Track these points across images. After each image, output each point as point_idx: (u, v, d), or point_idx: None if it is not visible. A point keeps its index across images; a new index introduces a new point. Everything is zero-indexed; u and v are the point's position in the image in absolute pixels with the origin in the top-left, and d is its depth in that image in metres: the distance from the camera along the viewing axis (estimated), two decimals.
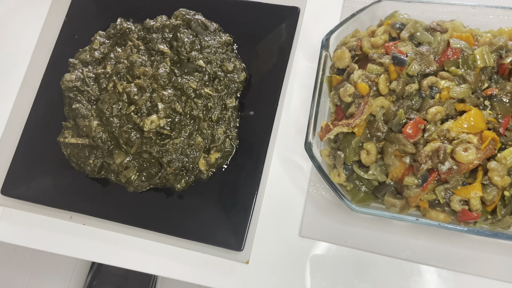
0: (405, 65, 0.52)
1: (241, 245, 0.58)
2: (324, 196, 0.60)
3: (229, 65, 0.66)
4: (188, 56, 0.65)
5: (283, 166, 0.63)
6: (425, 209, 0.52)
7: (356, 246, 0.58)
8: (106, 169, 0.64)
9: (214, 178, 0.63)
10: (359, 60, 0.57)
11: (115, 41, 0.70)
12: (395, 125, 0.52)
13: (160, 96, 0.62)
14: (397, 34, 0.56)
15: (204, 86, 0.65)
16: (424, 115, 0.52)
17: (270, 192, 0.62)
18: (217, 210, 0.61)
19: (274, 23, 0.66)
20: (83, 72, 0.68)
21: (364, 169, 0.54)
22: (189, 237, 0.61)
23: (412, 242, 0.57)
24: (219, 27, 0.69)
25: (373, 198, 0.55)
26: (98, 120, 0.64)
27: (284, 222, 0.61)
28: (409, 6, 0.57)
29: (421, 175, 0.51)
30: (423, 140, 0.52)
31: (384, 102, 0.52)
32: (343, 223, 0.59)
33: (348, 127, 0.52)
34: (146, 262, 0.62)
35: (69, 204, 0.63)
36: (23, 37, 0.76)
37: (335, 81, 0.58)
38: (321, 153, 0.57)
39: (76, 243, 0.64)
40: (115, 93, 0.64)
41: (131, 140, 0.62)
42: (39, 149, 0.67)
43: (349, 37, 0.59)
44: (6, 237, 0.66)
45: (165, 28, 0.67)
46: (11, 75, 0.74)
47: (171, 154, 0.61)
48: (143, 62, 0.65)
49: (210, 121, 0.64)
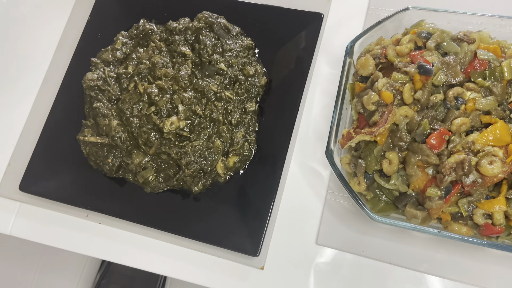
0: (431, 75, 0.52)
1: (257, 251, 0.57)
2: (342, 204, 0.60)
3: (250, 69, 0.66)
4: (210, 59, 0.65)
5: (302, 172, 0.62)
6: (447, 222, 0.52)
7: (373, 257, 0.57)
8: (124, 169, 0.64)
9: (231, 182, 0.63)
10: (383, 68, 0.57)
11: (137, 41, 0.70)
12: (419, 135, 0.51)
13: (181, 98, 0.62)
14: (423, 43, 0.55)
15: (224, 89, 0.65)
16: (448, 126, 0.52)
17: (288, 198, 0.62)
18: (234, 214, 0.61)
19: (296, 29, 0.66)
20: (104, 71, 0.68)
21: (386, 179, 0.53)
22: (204, 240, 0.60)
23: (432, 255, 0.56)
24: (241, 30, 0.69)
25: (394, 209, 0.54)
26: (118, 120, 0.64)
27: (301, 229, 0.60)
28: (435, 15, 0.57)
29: (445, 187, 0.50)
30: (447, 151, 0.51)
31: (408, 111, 0.52)
32: (361, 233, 0.58)
33: (371, 136, 0.52)
34: (160, 263, 0.62)
35: (86, 202, 0.64)
36: (46, 35, 0.77)
37: (358, 89, 0.57)
38: (341, 161, 0.56)
39: (91, 241, 0.64)
40: (136, 94, 0.64)
41: (150, 140, 0.62)
42: (59, 147, 0.67)
43: (373, 44, 0.59)
44: (22, 233, 0.67)
45: (188, 30, 0.68)
46: (33, 72, 0.75)
47: (190, 156, 0.61)
48: (164, 63, 0.65)
49: (229, 125, 0.64)
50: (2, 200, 0.68)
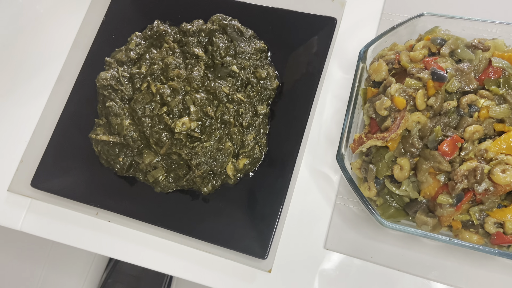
0: (444, 81, 0.52)
1: (265, 253, 0.57)
2: (351, 209, 0.59)
3: (262, 72, 0.66)
4: (222, 61, 0.66)
5: (311, 176, 0.62)
6: (457, 230, 0.51)
7: (382, 263, 0.57)
8: (135, 168, 0.65)
9: (240, 184, 0.63)
10: (396, 74, 0.57)
11: (151, 42, 0.71)
12: (431, 142, 0.51)
13: (193, 99, 0.63)
14: (437, 49, 0.55)
15: (236, 92, 0.65)
16: (461, 133, 0.51)
17: (297, 201, 0.62)
18: (242, 216, 0.61)
19: (310, 33, 0.66)
20: (118, 71, 0.69)
21: (396, 185, 0.53)
22: (212, 241, 0.60)
23: (441, 263, 0.55)
24: (254, 33, 0.69)
25: (404, 215, 0.54)
26: (130, 119, 0.65)
27: (309, 233, 0.60)
28: (450, 22, 0.57)
29: (456, 194, 0.50)
30: (459, 158, 0.51)
31: (421, 117, 0.51)
32: (369, 238, 0.58)
33: (383, 141, 0.52)
34: (168, 263, 0.62)
35: (96, 200, 0.64)
36: (61, 34, 0.78)
37: (370, 94, 0.57)
38: (352, 166, 0.56)
39: (100, 239, 0.64)
40: (149, 94, 0.65)
41: (161, 140, 0.62)
42: (71, 144, 0.68)
43: (386, 50, 0.59)
44: (32, 229, 0.67)
45: (201, 32, 0.68)
46: (47, 70, 0.76)
47: (200, 157, 0.61)
48: (177, 64, 0.66)
49: (240, 127, 0.64)
50: (14, 196, 0.69)
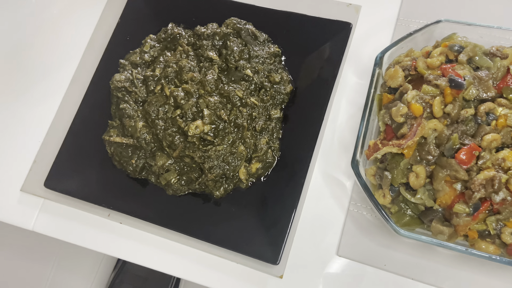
0: (462, 89, 0.51)
1: (277, 259, 0.57)
2: (365, 216, 0.59)
3: (276, 76, 0.66)
4: (236, 65, 0.66)
5: (325, 182, 0.62)
6: (473, 239, 0.50)
7: (395, 271, 0.56)
8: (147, 170, 0.65)
9: (253, 188, 0.63)
10: (412, 80, 0.56)
11: (165, 45, 0.71)
12: (448, 150, 0.51)
13: (206, 102, 0.62)
14: (455, 56, 0.55)
15: (250, 95, 0.65)
16: (478, 142, 0.51)
17: (309, 207, 0.61)
18: (254, 220, 0.61)
19: (324, 37, 0.66)
20: (132, 73, 0.69)
21: (412, 192, 0.52)
22: (223, 245, 0.60)
23: (456, 273, 0.55)
24: (268, 37, 0.69)
25: (419, 223, 0.53)
26: (144, 122, 0.65)
27: (322, 239, 0.60)
28: (468, 29, 0.56)
29: (473, 203, 0.49)
30: (476, 167, 0.50)
31: (438, 125, 0.51)
32: (383, 246, 0.57)
33: (399, 148, 0.51)
34: (179, 265, 0.62)
35: (108, 202, 0.64)
36: (76, 35, 0.79)
37: (385, 100, 0.57)
38: (366, 172, 0.56)
39: (112, 240, 0.64)
40: (162, 96, 0.65)
41: (174, 143, 0.62)
42: (84, 146, 0.68)
43: (403, 56, 0.58)
44: (44, 229, 0.68)
45: (216, 35, 0.68)
46: (62, 71, 0.76)
47: (213, 161, 0.61)
48: (191, 67, 0.66)
49: (253, 131, 0.64)
50: (27, 196, 0.69)
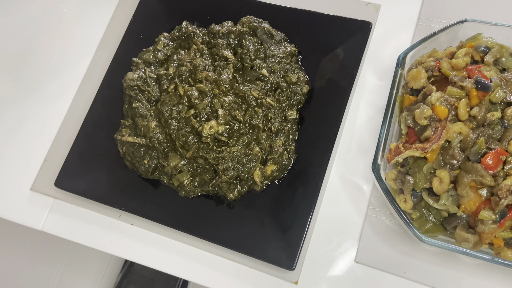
0: (489, 91, 0.49)
1: (292, 264, 0.55)
2: (384, 221, 0.57)
3: (293, 76, 0.64)
4: (252, 64, 0.64)
5: (342, 185, 0.60)
6: (499, 247, 0.48)
7: (415, 279, 0.54)
8: (160, 171, 0.64)
9: (267, 191, 0.61)
10: (435, 82, 0.54)
11: (179, 43, 0.70)
12: (474, 154, 0.49)
13: (221, 102, 0.61)
14: (481, 57, 0.53)
15: (265, 96, 0.63)
16: (505, 146, 0.49)
17: (326, 211, 0.59)
18: (269, 224, 0.59)
19: (343, 37, 0.64)
20: (145, 72, 0.67)
21: (435, 198, 0.50)
22: (237, 248, 0.58)
23: (478, 282, 0.53)
24: (285, 36, 0.68)
25: (442, 230, 0.51)
26: (157, 121, 0.64)
27: (339, 245, 0.58)
28: (494, 29, 0.54)
29: (500, 210, 0.47)
30: (503, 172, 0.48)
31: (463, 128, 0.49)
32: (403, 253, 0.55)
33: (422, 152, 0.49)
34: (190, 269, 0.61)
35: (120, 202, 0.63)
36: (88, 33, 0.77)
37: (407, 101, 0.55)
38: (387, 176, 0.54)
39: (122, 242, 0.63)
40: (176, 96, 0.63)
41: (188, 144, 0.61)
42: (95, 145, 0.67)
43: (425, 56, 0.56)
44: (53, 229, 0.66)
45: (231, 34, 0.67)
46: (73, 69, 0.75)
47: (227, 162, 0.59)
48: (206, 66, 0.64)
49: (269, 132, 0.62)
50: (37, 196, 0.68)
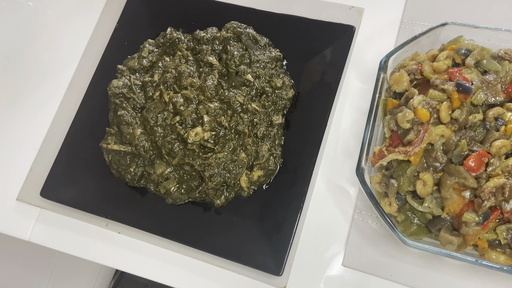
0: (470, 94, 0.49)
1: (280, 270, 0.55)
2: (370, 225, 0.57)
3: (278, 81, 0.64)
4: (237, 70, 0.64)
5: (328, 189, 0.60)
6: (483, 249, 0.49)
7: (402, 282, 0.54)
8: (146, 179, 0.63)
9: (254, 197, 0.61)
10: (417, 85, 0.55)
11: (164, 50, 0.69)
12: (456, 157, 0.49)
13: (206, 108, 0.61)
14: (462, 60, 0.53)
15: (251, 101, 0.63)
16: (487, 148, 0.49)
17: (313, 216, 0.59)
18: (256, 230, 0.59)
19: (327, 41, 0.64)
20: (130, 79, 0.67)
21: (419, 201, 0.51)
22: (224, 255, 0.58)
23: (464, 283, 0.53)
24: (269, 41, 0.68)
25: (426, 232, 0.51)
26: (142, 129, 0.63)
27: (326, 249, 0.58)
28: (475, 31, 0.54)
29: (483, 212, 0.47)
30: (485, 174, 0.48)
31: (445, 131, 0.49)
32: (389, 256, 0.55)
33: (405, 155, 0.49)
34: (179, 277, 0.60)
35: (106, 211, 0.62)
36: (73, 41, 0.77)
37: (390, 105, 0.55)
38: (371, 180, 0.54)
39: (110, 251, 0.63)
40: (161, 102, 0.63)
41: (174, 151, 0.60)
42: (81, 153, 0.66)
43: (408, 60, 0.57)
44: (40, 240, 0.66)
45: (215, 40, 0.67)
46: (58, 78, 0.75)
47: (213, 168, 0.59)
48: (191, 73, 0.64)
49: (255, 137, 0.62)
50: (23, 206, 0.67)
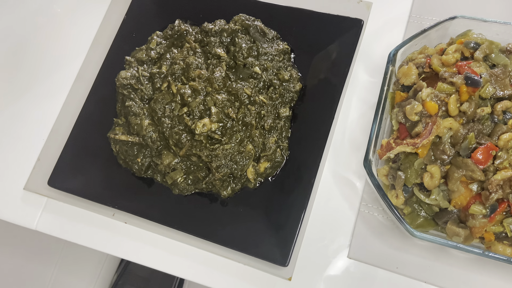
0: (478, 87, 0.49)
1: (286, 260, 0.55)
2: (376, 217, 0.57)
3: (285, 74, 0.64)
4: (245, 62, 0.64)
5: (335, 182, 0.60)
6: (490, 241, 0.49)
7: (408, 274, 0.55)
8: (153, 169, 0.64)
9: (261, 188, 0.61)
10: (426, 78, 0.55)
11: (171, 42, 0.70)
12: (464, 149, 0.49)
13: (214, 100, 0.61)
14: (470, 54, 0.53)
15: (258, 93, 0.63)
16: (495, 141, 0.49)
17: (319, 207, 0.60)
18: (262, 221, 0.59)
19: (335, 34, 0.65)
20: (138, 70, 0.68)
21: (426, 193, 0.51)
22: (230, 246, 0.59)
23: (470, 276, 0.53)
24: (277, 34, 0.68)
25: (433, 225, 0.52)
26: (150, 120, 0.64)
27: (332, 241, 0.58)
28: (484, 25, 0.54)
29: (490, 204, 0.47)
30: (493, 167, 0.49)
31: (454, 123, 0.49)
32: (395, 248, 0.55)
33: (413, 147, 0.50)
34: (184, 266, 0.61)
35: (113, 201, 0.63)
36: (81, 32, 0.77)
37: (398, 98, 0.55)
38: (378, 172, 0.54)
39: (116, 240, 0.63)
40: (169, 94, 0.63)
41: (181, 142, 0.61)
42: (89, 144, 0.67)
43: (416, 53, 0.57)
44: (47, 229, 0.66)
45: (223, 32, 0.67)
46: (66, 68, 0.75)
47: (220, 160, 0.60)
48: (199, 64, 0.65)
49: (262, 129, 0.62)
50: (30, 195, 0.68)
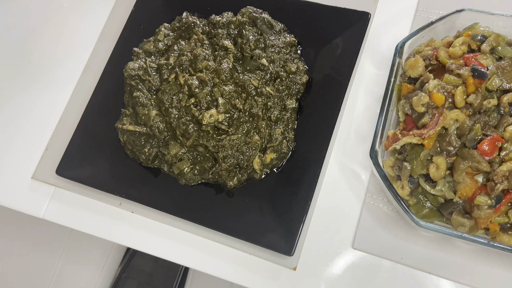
0: (485, 79, 0.50)
1: (291, 250, 0.56)
2: (381, 208, 0.58)
3: (292, 66, 0.65)
4: (252, 54, 0.65)
5: (341, 173, 0.61)
6: (495, 232, 0.49)
7: (412, 265, 0.55)
8: (160, 159, 0.64)
9: (267, 179, 0.62)
10: (432, 70, 0.55)
11: (179, 34, 0.70)
12: (470, 141, 0.49)
13: (221, 91, 0.62)
14: (477, 46, 0.53)
15: (265, 85, 0.64)
16: (501, 133, 0.49)
17: (324, 198, 0.60)
18: (268, 211, 0.60)
19: (342, 27, 0.65)
20: (146, 61, 0.68)
21: (431, 184, 0.51)
22: (236, 235, 0.59)
23: (475, 266, 0.53)
24: (284, 27, 0.68)
25: (438, 216, 0.52)
26: (157, 110, 0.64)
27: (337, 231, 0.59)
28: (491, 18, 0.55)
29: (495, 195, 0.48)
30: (498, 159, 0.49)
31: (460, 115, 0.50)
32: (400, 239, 0.56)
33: (420, 138, 0.50)
34: (190, 255, 0.61)
35: (120, 190, 0.63)
36: (89, 24, 0.78)
37: (405, 90, 0.55)
38: (384, 163, 0.55)
39: (123, 229, 0.64)
40: (176, 85, 0.64)
41: (188, 132, 0.61)
42: (97, 133, 0.67)
43: (423, 45, 0.57)
44: (54, 217, 0.67)
45: (231, 24, 0.67)
46: (75, 59, 0.76)
47: (227, 150, 0.60)
48: (206, 56, 0.65)
49: (268, 121, 0.63)
50: (38, 184, 0.69)
